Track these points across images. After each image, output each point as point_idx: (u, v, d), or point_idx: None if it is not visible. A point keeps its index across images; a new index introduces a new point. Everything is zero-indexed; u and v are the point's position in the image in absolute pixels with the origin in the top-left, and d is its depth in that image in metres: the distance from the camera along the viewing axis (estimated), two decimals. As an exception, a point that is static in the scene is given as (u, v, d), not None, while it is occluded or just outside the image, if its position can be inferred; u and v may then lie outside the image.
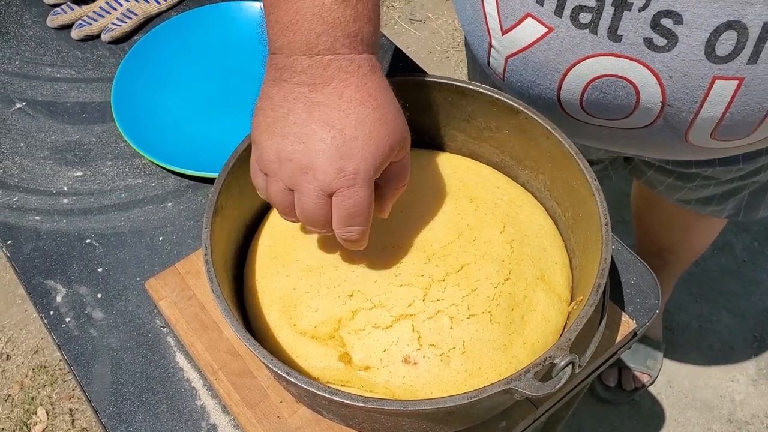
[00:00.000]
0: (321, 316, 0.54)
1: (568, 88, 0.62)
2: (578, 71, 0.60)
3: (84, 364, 0.64)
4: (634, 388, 1.44)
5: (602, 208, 0.54)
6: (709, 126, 0.60)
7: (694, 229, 1.16)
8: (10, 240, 0.72)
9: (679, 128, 0.61)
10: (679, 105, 0.59)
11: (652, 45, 0.55)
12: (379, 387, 0.52)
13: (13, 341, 1.55)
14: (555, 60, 0.60)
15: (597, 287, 0.50)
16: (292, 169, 0.48)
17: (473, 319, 0.53)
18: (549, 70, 0.61)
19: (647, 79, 0.57)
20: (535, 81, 0.64)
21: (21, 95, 0.85)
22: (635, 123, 0.63)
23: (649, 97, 0.59)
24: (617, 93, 0.60)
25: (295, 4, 0.46)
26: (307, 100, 0.47)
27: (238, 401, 0.59)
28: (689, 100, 0.58)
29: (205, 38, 0.90)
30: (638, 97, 0.59)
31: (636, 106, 0.60)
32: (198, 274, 0.66)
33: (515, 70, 0.65)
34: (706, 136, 0.62)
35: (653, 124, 0.62)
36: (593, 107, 0.63)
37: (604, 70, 0.58)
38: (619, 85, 0.59)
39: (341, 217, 0.49)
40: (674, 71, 0.56)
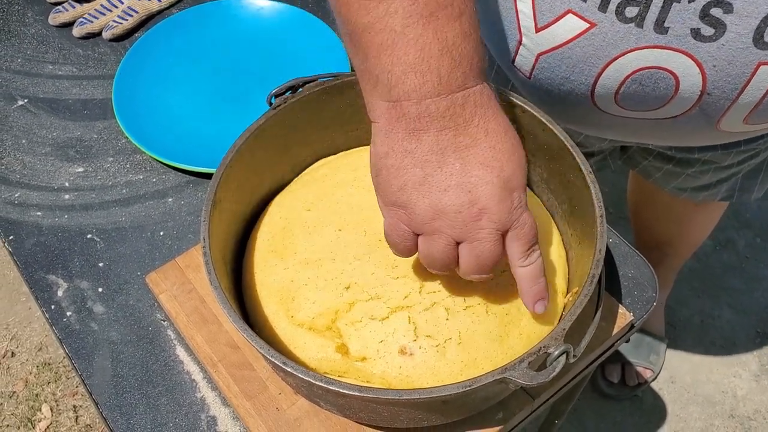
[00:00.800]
0: (318, 307, 0.55)
1: (605, 82, 0.61)
2: (618, 65, 0.59)
3: (85, 358, 0.64)
4: (637, 383, 1.45)
5: (597, 200, 0.54)
6: (744, 111, 0.60)
7: (691, 220, 1.16)
8: (12, 235, 0.73)
9: (713, 116, 0.61)
10: (718, 93, 0.58)
11: (699, 35, 0.54)
12: (375, 378, 0.52)
13: (17, 338, 1.56)
14: (594, 55, 0.59)
15: (591, 278, 0.50)
16: (463, 221, 0.45)
17: (469, 310, 0.54)
18: (586, 66, 0.60)
19: (690, 69, 0.57)
20: (569, 77, 0.63)
21: (23, 92, 0.85)
22: (668, 113, 0.62)
23: (689, 86, 0.58)
24: (657, 84, 0.59)
25: (417, 41, 0.43)
26: (456, 146, 0.45)
27: (238, 393, 0.59)
28: (730, 87, 0.57)
29: (206, 35, 0.90)
30: (677, 87, 0.58)
31: (673, 96, 0.59)
32: (198, 268, 0.67)
33: (547, 67, 0.64)
34: (738, 121, 0.61)
35: (686, 114, 0.61)
36: (628, 100, 0.62)
37: (645, 62, 0.57)
38: (660, 76, 0.58)
39: (522, 245, 0.48)
40: (719, 60, 0.55)
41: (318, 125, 0.65)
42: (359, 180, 0.63)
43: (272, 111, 0.60)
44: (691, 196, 0.98)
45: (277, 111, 0.60)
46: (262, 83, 0.86)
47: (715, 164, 0.87)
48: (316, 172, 0.65)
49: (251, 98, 0.84)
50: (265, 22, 0.91)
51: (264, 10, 0.92)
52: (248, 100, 0.84)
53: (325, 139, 0.67)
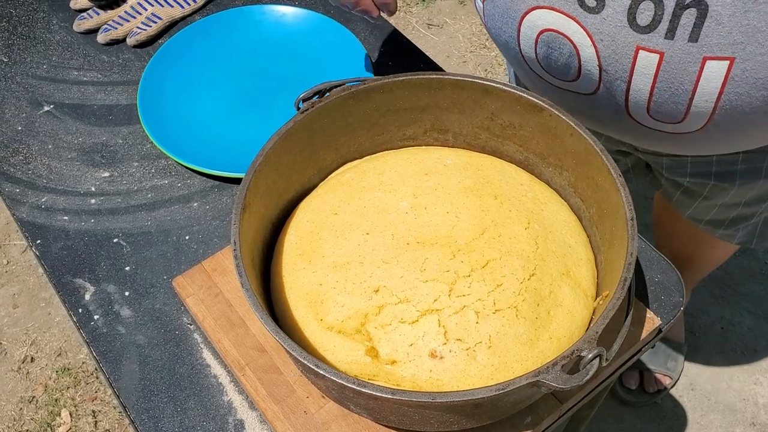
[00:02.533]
0: (348, 311, 0.55)
1: (524, 39, 0.65)
2: (529, 21, 0.63)
3: (112, 361, 0.65)
4: (656, 390, 1.43)
5: (627, 204, 0.54)
6: (642, 99, 0.63)
7: (708, 245, 1.15)
8: (40, 239, 0.73)
9: (618, 98, 0.64)
10: (612, 72, 0.61)
11: (584, 5, 0.58)
12: (405, 381, 0.52)
13: (36, 344, 1.57)
14: (512, 7, 0.64)
15: (623, 281, 0.50)
16: None
17: (499, 314, 0.54)
18: (509, 18, 0.65)
19: (583, 39, 0.60)
20: (501, 28, 0.67)
21: (49, 98, 0.86)
22: (583, 88, 0.66)
23: (588, 59, 0.62)
24: (561, 50, 0.63)
25: None
26: None
27: (265, 396, 0.59)
28: (620, 67, 0.60)
29: (229, 41, 0.91)
30: (579, 56, 0.62)
31: (579, 66, 0.64)
32: (224, 271, 0.67)
33: (489, 15, 0.68)
34: (643, 111, 0.64)
35: (598, 90, 0.65)
36: (546, 62, 0.66)
37: (547, 23, 0.62)
38: (562, 42, 0.62)
39: None
40: (604, 35, 0.59)
41: (344, 129, 0.65)
42: (385, 184, 0.63)
43: (300, 115, 0.60)
44: (707, 229, 0.99)
45: (305, 115, 0.60)
46: (284, 89, 0.86)
47: (718, 199, 0.88)
48: (343, 176, 0.66)
49: (274, 103, 0.85)
50: (287, 27, 0.92)
51: (286, 16, 0.92)
52: (271, 105, 0.85)
53: (351, 143, 0.67)
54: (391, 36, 0.92)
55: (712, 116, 0.61)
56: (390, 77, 0.62)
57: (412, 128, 0.68)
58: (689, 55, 0.56)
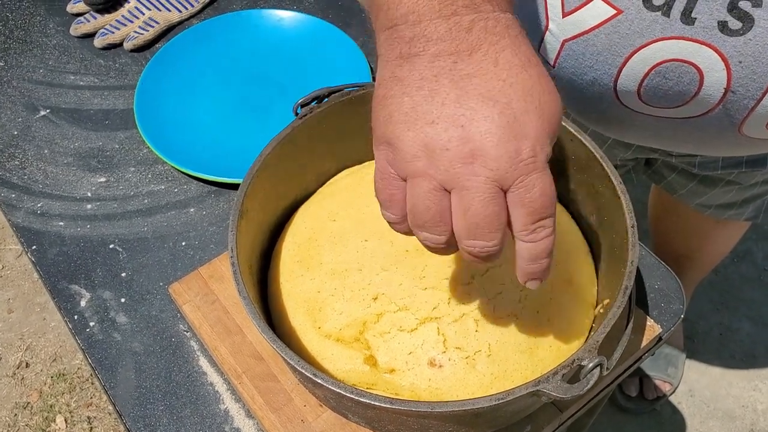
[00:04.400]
0: (346, 318, 0.54)
1: (629, 73, 0.59)
2: (643, 56, 0.57)
3: (108, 368, 0.64)
4: (656, 397, 1.43)
5: (628, 211, 0.54)
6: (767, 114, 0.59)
7: (712, 236, 1.15)
8: (35, 245, 0.73)
9: (737, 117, 0.59)
10: (743, 92, 0.57)
11: (726, 28, 0.53)
12: (404, 390, 0.51)
13: (31, 349, 1.56)
14: (619, 44, 0.57)
15: (624, 289, 0.49)
16: (450, 161, 0.37)
17: (499, 322, 0.53)
18: (611, 55, 0.58)
19: (715, 64, 0.55)
20: (592, 66, 0.61)
21: (45, 103, 0.86)
22: (690, 112, 0.61)
23: (713, 82, 0.56)
24: (681, 78, 0.57)
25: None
26: (453, 73, 0.37)
27: (262, 405, 0.59)
28: (755, 86, 0.56)
29: (227, 46, 0.90)
30: (701, 83, 0.56)
31: (697, 92, 0.57)
32: (221, 278, 0.66)
33: (571, 55, 0.62)
34: (761, 126, 0.60)
35: (709, 113, 0.60)
36: (651, 94, 0.60)
37: (670, 54, 0.56)
38: (684, 70, 0.56)
39: (530, 213, 0.38)
40: (745, 56, 0.54)
41: (343, 135, 0.64)
42: (384, 190, 0.63)
43: (298, 121, 0.60)
44: (715, 213, 0.97)
45: (303, 121, 0.60)
46: (282, 94, 0.86)
47: (740, 184, 0.87)
48: (341, 182, 0.65)
49: (272, 109, 0.84)
50: (285, 32, 0.91)
51: (284, 20, 0.92)
52: (269, 111, 0.84)
53: (349, 149, 0.66)
54: (389, 41, 0.92)
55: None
56: (389, 83, 0.62)
57: (410, 134, 0.67)
58: None
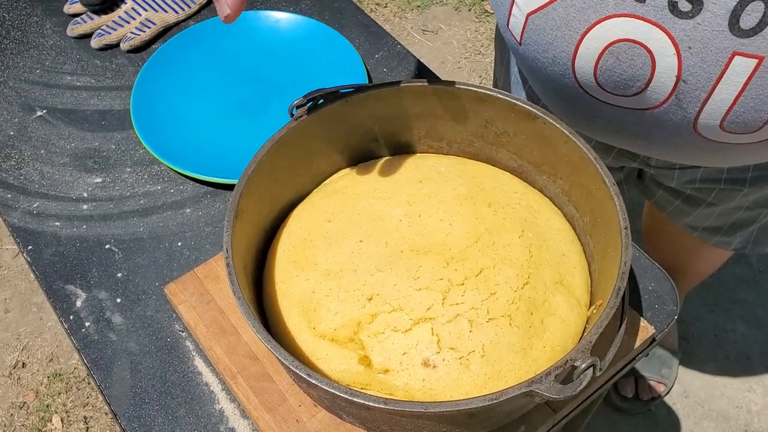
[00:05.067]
0: (341, 319, 0.55)
1: (585, 52, 0.60)
2: (597, 33, 0.58)
3: (104, 368, 0.64)
4: (650, 397, 1.43)
5: (621, 212, 0.54)
6: (720, 110, 0.58)
7: (701, 255, 1.15)
8: (31, 245, 0.73)
9: (690, 111, 0.59)
10: (694, 81, 0.57)
11: (676, 9, 0.53)
12: (398, 390, 0.52)
13: (28, 349, 1.56)
14: (576, 18, 0.58)
15: (617, 290, 0.50)
16: None
17: (493, 322, 0.53)
18: (568, 30, 0.60)
19: (666, 48, 0.56)
20: (552, 42, 0.62)
21: (41, 103, 0.86)
22: (646, 102, 0.61)
23: (665, 69, 0.57)
24: (633, 61, 0.58)
25: None
26: None
27: (257, 405, 0.59)
28: (705, 76, 0.56)
29: (223, 47, 0.91)
30: (654, 67, 0.57)
31: (650, 79, 0.58)
32: (217, 278, 0.66)
33: (534, 29, 0.63)
34: (715, 123, 0.60)
35: (664, 104, 0.60)
36: (606, 77, 0.61)
37: (623, 33, 0.57)
38: (636, 52, 0.57)
39: None
40: (694, 41, 0.54)
41: (338, 136, 0.65)
42: (379, 191, 0.63)
43: (293, 122, 0.60)
44: (702, 236, 0.98)
45: (299, 122, 0.60)
46: (279, 95, 0.86)
47: (721, 205, 0.87)
48: (336, 183, 0.65)
49: (268, 109, 0.85)
50: (282, 33, 0.92)
51: (281, 22, 0.92)
52: (265, 112, 0.84)
53: (345, 151, 0.67)
54: (385, 42, 0.92)
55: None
56: (384, 84, 0.62)
57: (406, 135, 0.68)
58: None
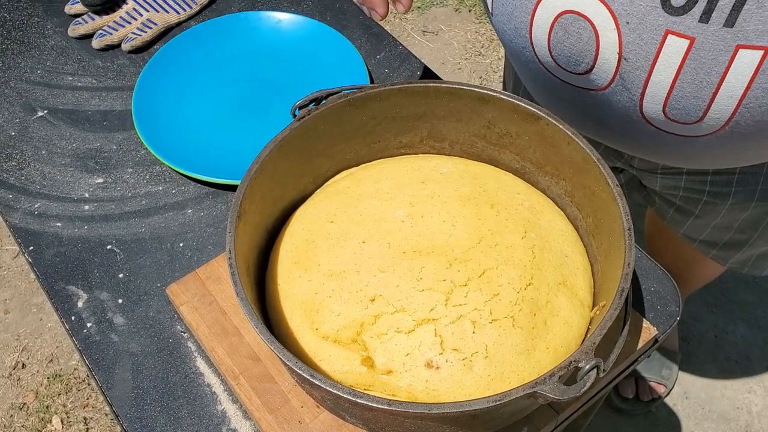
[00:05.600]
0: (343, 320, 0.54)
1: (538, 22, 0.61)
2: (547, 3, 0.59)
3: (105, 369, 0.64)
4: (651, 399, 1.44)
5: (625, 214, 0.54)
6: (661, 94, 0.59)
7: (701, 263, 1.15)
8: (32, 246, 0.73)
9: (634, 92, 0.60)
10: (634, 60, 0.58)
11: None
12: (401, 391, 0.52)
13: (28, 350, 1.56)
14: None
15: (621, 291, 0.50)
16: None
17: (496, 323, 0.53)
18: (523, 1, 0.61)
19: (606, 22, 0.57)
20: (513, 12, 0.63)
21: (43, 104, 0.86)
22: (596, 81, 0.63)
23: (608, 44, 0.58)
24: (579, 35, 0.59)
25: None
26: None
27: (259, 406, 0.59)
28: (643, 54, 0.57)
29: (225, 47, 0.90)
30: (598, 42, 0.58)
31: (596, 55, 0.60)
32: (219, 279, 0.66)
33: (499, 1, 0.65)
34: (659, 108, 0.61)
35: (611, 84, 0.62)
36: (559, 51, 0.62)
37: (569, 4, 0.58)
38: (582, 25, 0.58)
39: None
40: (631, 16, 0.55)
41: (341, 137, 0.65)
42: (382, 192, 0.63)
43: (296, 122, 0.60)
44: (700, 248, 0.98)
45: (301, 122, 0.60)
46: (280, 95, 0.86)
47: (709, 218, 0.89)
48: (339, 183, 0.65)
49: (270, 110, 0.85)
50: (283, 34, 0.92)
51: (283, 22, 0.92)
52: (267, 112, 0.84)
53: (347, 151, 0.66)
54: (387, 43, 0.92)
55: (732, 116, 0.58)
56: (386, 85, 0.62)
57: (408, 136, 0.68)
58: (722, 41, 0.53)
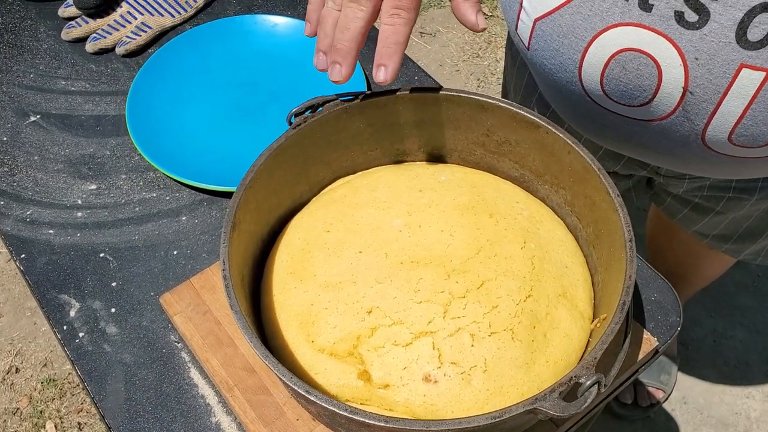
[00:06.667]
0: (340, 332, 0.53)
1: (591, 60, 0.60)
2: (603, 41, 0.58)
3: (98, 380, 0.63)
4: (649, 404, 1.43)
5: (626, 225, 0.53)
6: (728, 123, 0.58)
7: (706, 260, 1.15)
8: (24, 253, 0.72)
9: (698, 123, 0.59)
10: (701, 93, 0.56)
11: (683, 20, 0.53)
12: (399, 405, 0.51)
13: (22, 354, 1.55)
14: (582, 26, 0.58)
15: (622, 305, 0.49)
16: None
17: (495, 336, 0.52)
18: (575, 38, 0.59)
19: (672, 59, 0.55)
20: (559, 49, 0.62)
21: (35, 108, 0.85)
22: (653, 113, 0.61)
23: (672, 80, 0.57)
24: (639, 71, 0.58)
25: None
26: None
27: (254, 419, 0.58)
28: (712, 88, 0.55)
29: (220, 51, 0.89)
30: (660, 78, 0.57)
31: (657, 90, 0.58)
32: (213, 289, 0.65)
33: (541, 35, 0.63)
34: (724, 136, 0.59)
35: (671, 116, 0.60)
36: (613, 86, 0.61)
37: (629, 42, 0.56)
38: (642, 62, 0.57)
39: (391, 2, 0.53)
40: (701, 53, 0.54)
41: (337, 145, 0.64)
42: (379, 200, 0.62)
43: (292, 130, 0.59)
44: (712, 243, 0.97)
45: (297, 131, 0.59)
46: (276, 100, 0.85)
47: (732, 213, 0.87)
48: (335, 192, 0.64)
49: (266, 116, 0.84)
50: (279, 38, 0.90)
51: (279, 26, 0.91)
52: (263, 118, 0.83)
53: (344, 159, 0.66)
54: (384, 47, 0.91)
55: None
56: (384, 92, 0.61)
57: (406, 144, 0.67)
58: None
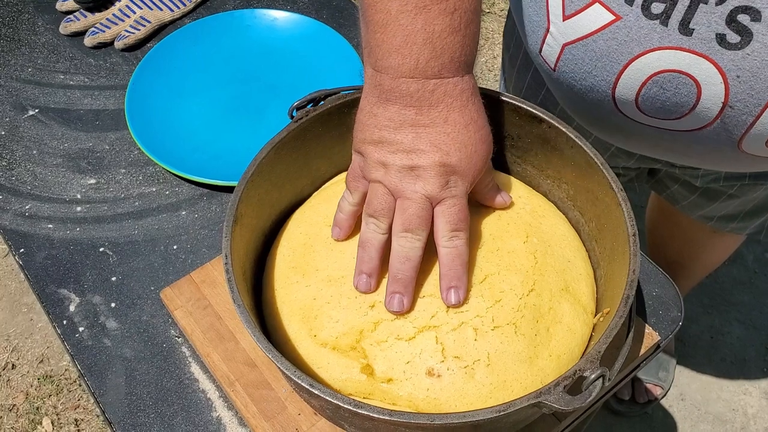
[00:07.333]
0: (342, 327, 0.53)
1: (627, 81, 0.59)
2: (640, 64, 0.57)
3: (98, 375, 0.63)
4: (647, 400, 1.43)
5: (629, 219, 0.53)
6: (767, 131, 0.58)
7: (708, 245, 1.15)
8: (23, 248, 0.71)
9: (735, 133, 0.59)
10: (741, 107, 0.56)
11: (724, 42, 0.53)
12: (402, 400, 0.50)
13: (18, 350, 1.54)
14: (617, 51, 0.58)
15: (626, 299, 0.49)
16: (400, 178, 0.52)
17: (498, 330, 0.52)
18: (609, 61, 0.59)
19: (713, 77, 0.55)
20: (591, 72, 0.61)
21: (34, 102, 0.84)
22: (688, 125, 0.61)
23: (711, 96, 0.56)
24: (678, 90, 0.57)
25: (406, 28, 0.49)
26: (414, 122, 0.51)
27: (255, 413, 0.57)
28: (753, 102, 0.55)
29: (219, 46, 0.89)
30: (699, 96, 0.57)
31: (694, 106, 0.58)
32: (213, 283, 0.65)
33: (571, 59, 0.62)
34: (761, 143, 0.59)
35: (707, 128, 0.60)
36: (648, 104, 0.60)
37: (668, 64, 0.56)
38: (682, 82, 0.56)
39: (447, 224, 0.52)
40: (743, 71, 0.54)
41: (339, 138, 0.63)
42: (381, 195, 0.62)
43: (294, 124, 0.59)
44: (717, 225, 0.97)
45: (299, 124, 0.59)
46: (276, 94, 0.85)
47: (744, 197, 0.86)
48: (337, 185, 0.64)
49: (265, 110, 0.83)
50: (279, 32, 0.90)
51: (278, 20, 0.91)
52: (262, 112, 0.83)
53: (345, 152, 0.65)
54: (384, 42, 0.91)
55: None
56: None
57: (407, 138, 0.66)
58: None
